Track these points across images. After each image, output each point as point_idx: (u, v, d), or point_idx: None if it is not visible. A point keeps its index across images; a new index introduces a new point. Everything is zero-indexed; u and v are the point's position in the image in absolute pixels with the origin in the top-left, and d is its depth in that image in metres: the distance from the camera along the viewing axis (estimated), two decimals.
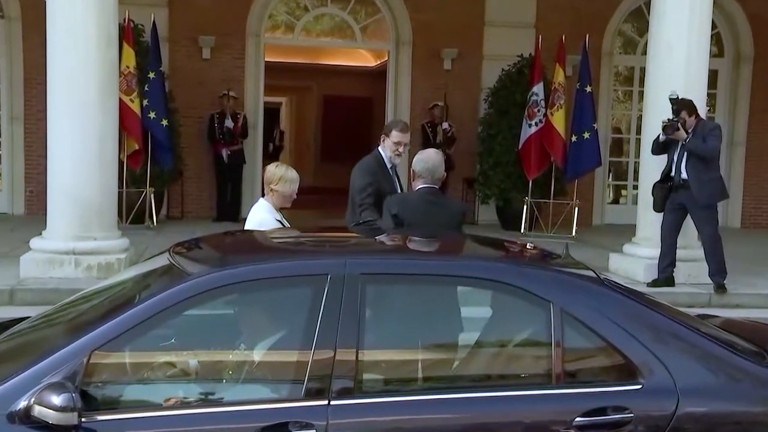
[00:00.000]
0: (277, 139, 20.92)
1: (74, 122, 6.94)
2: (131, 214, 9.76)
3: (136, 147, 9.57)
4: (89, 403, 2.45)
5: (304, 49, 15.68)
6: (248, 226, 4.47)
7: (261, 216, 4.50)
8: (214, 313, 3.05)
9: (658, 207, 7.45)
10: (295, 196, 4.64)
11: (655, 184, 7.46)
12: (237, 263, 2.89)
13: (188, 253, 3.13)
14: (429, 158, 4.44)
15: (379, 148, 5.07)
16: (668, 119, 7.20)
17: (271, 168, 4.63)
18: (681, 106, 7.18)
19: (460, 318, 3.13)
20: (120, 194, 8.28)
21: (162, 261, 3.05)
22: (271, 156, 19.91)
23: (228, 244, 3.53)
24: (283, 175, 4.53)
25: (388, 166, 5.02)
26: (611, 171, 13.13)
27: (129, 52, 9.27)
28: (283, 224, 4.48)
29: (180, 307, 2.64)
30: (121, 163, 8.64)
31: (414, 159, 4.49)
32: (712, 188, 7.22)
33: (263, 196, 4.69)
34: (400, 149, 4.98)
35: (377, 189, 4.85)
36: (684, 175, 7.25)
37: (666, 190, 7.36)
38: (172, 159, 10.22)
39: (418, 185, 4.43)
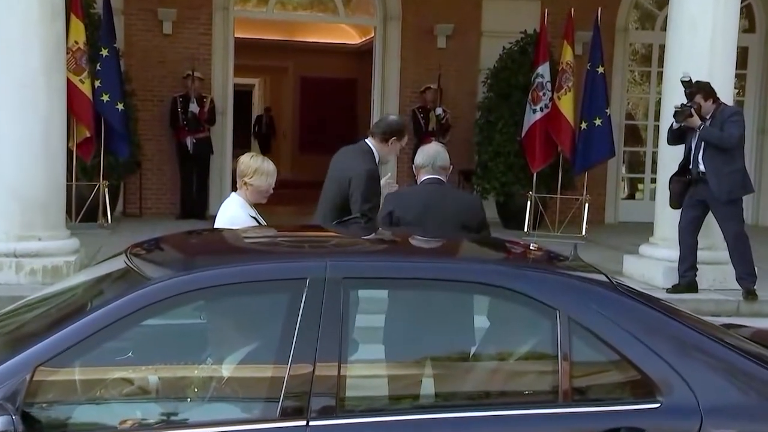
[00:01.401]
0: (264, 126, 20.75)
1: (14, 106, 6.89)
2: (82, 210, 9.71)
3: (88, 134, 9.52)
4: (32, 426, 2.43)
5: (280, 24, 15.65)
6: (218, 223, 4.48)
7: (233, 212, 4.50)
8: (177, 322, 3.04)
9: (674, 203, 7.49)
10: (272, 191, 4.66)
11: (671, 177, 7.50)
12: (203, 266, 2.88)
13: (148, 255, 3.13)
14: (428, 147, 4.72)
15: (369, 142, 5.16)
16: (681, 105, 7.24)
17: (245, 159, 4.64)
18: (696, 89, 7.21)
19: (454, 328, 3.13)
20: (69, 188, 8.24)
21: (118, 264, 3.04)
22: (261, 147, 19.77)
23: (193, 245, 3.52)
24: (258, 167, 4.54)
25: (377, 163, 5.18)
26: (626, 162, 13.18)
27: (78, 26, 9.21)
28: (258, 222, 4.49)
29: (138, 316, 2.63)
30: (69, 152, 8.59)
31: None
32: (732, 182, 7.25)
33: (234, 190, 4.70)
34: (398, 152, 5.43)
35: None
36: (701, 167, 7.29)
37: (683, 183, 7.40)
38: (129, 148, 10.17)
39: (421, 178, 4.61)
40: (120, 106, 9.80)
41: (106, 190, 9.98)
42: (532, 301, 2.77)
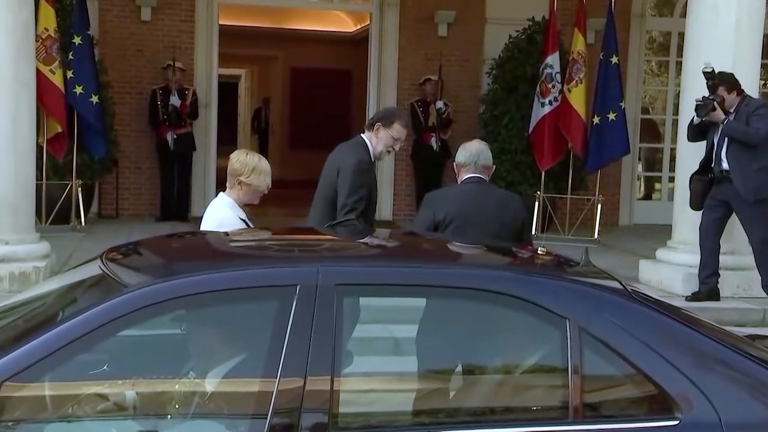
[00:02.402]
0: (263, 120, 20.73)
1: None
2: (53, 212, 9.70)
3: (59, 129, 9.51)
4: None
5: (268, 10, 15.64)
6: (206, 226, 4.49)
7: (222, 214, 4.52)
8: (157, 333, 3.04)
9: (695, 204, 7.50)
10: (267, 192, 4.69)
11: (692, 176, 7.51)
12: (185, 272, 2.88)
13: (125, 260, 3.13)
14: (470, 145, 4.84)
15: (365, 136, 5.17)
16: (702, 98, 7.26)
17: (241, 156, 4.65)
18: (718, 81, 7.23)
19: (456, 339, 3.14)
20: (38, 188, 8.23)
21: (92, 270, 3.04)
22: (261, 145, 19.69)
23: (174, 249, 3.52)
24: (257, 166, 4.57)
25: (372, 160, 5.17)
26: (642, 160, 13.20)
27: (47, 12, 9.20)
28: (247, 224, 4.50)
29: (114, 327, 2.63)
30: (39, 149, 8.58)
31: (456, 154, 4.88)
32: (759, 180, 7.26)
33: (222, 190, 4.71)
34: (396, 147, 5.24)
35: (368, 192, 5.03)
36: (725, 164, 7.30)
37: (705, 183, 7.41)
38: (104, 144, 10.16)
39: (462, 177, 4.74)
40: (94, 99, 9.79)
41: (80, 189, 9.97)
42: (540, 309, 2.77)
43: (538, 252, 3.58)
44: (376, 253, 3.55)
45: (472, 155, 4.72)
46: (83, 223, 9.98)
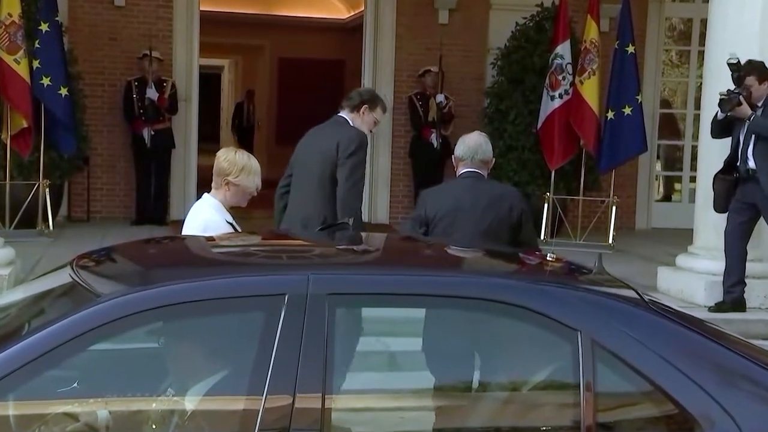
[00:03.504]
0: (245, 117, 20.78)
1: None
2: (18, 215, 9.69)
3: (25, 125, 9.50)
4: None
5: None
6: (189, 230, 4.49)
7: (207, 216, 4.53)
8: (132, 347, 3.04)
9: (719, 206, 7.51)
10: (256, 193, 4.70)
11: (715, 176, 7.52)
12: (163, 280, 2.89)
13: (97, 268, 3.14)
14: (468, 138, 5.00)
15: (346, 117, 5.39)
16: (727, 91, 7.26)
17: (229, 155, 4.66)
18: (748, 69, 7.22)
19: (458, 353, 3.15)
20: (2, 188, 8.22)
21: (61, 278, 3.04)
22: (243, 143, 19.78)
23: (151, 255, 3.53)
24: (246, 165, 4.59)
25: None
26: (661, 158, 13.21)
27: None
28: (234, 228, 4.51)
29: (86, 340, 2.63)
30: (3, 146, 8.57)
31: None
32: None
33: (206, 191, 4.72)
34: (374, 131, 5.56)
35: None
36: (751, 163, 7.31)
37: (729, 183, 7.42)
38: (74, 141, 10.15)
39: (460, 171, 4.93)
40: (63, 92, 9.78)
41: (47, 190, 9.94)
42: (550, 320, 2.78)
43: (548, 258, 3.59)
44: (371, 259, 3.56)
45: (469, 149, 4.88)
46: (51, 227, 9.97)
